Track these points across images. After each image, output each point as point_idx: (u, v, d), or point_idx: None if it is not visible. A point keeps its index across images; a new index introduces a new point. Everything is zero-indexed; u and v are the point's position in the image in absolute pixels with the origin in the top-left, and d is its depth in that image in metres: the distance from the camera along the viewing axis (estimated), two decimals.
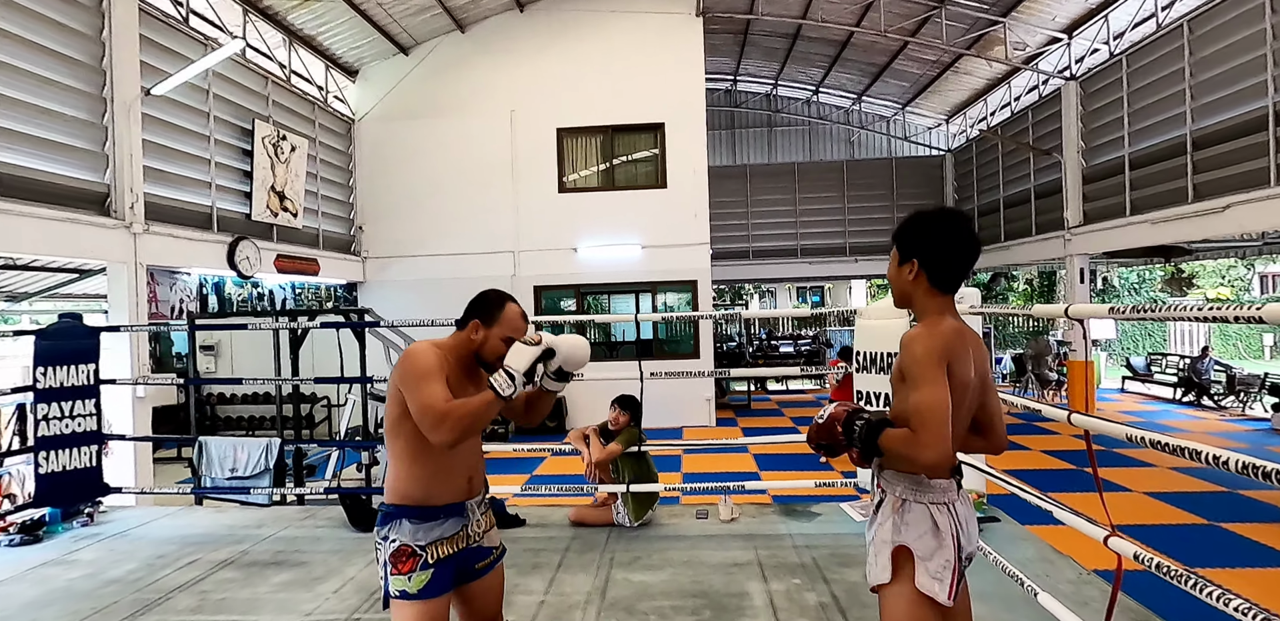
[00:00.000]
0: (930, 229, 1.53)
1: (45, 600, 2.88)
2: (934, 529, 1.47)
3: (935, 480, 1.50)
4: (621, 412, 3.75)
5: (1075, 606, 2.49)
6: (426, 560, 1.67)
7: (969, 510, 1.55)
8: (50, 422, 3.56)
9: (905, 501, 1.51)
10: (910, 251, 1.54)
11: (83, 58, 6.27)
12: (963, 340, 1.49)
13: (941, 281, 1.53)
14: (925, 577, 1.45)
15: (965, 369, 1.48)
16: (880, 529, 1.53)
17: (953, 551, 1.46)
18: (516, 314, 1.83)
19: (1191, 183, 8.29)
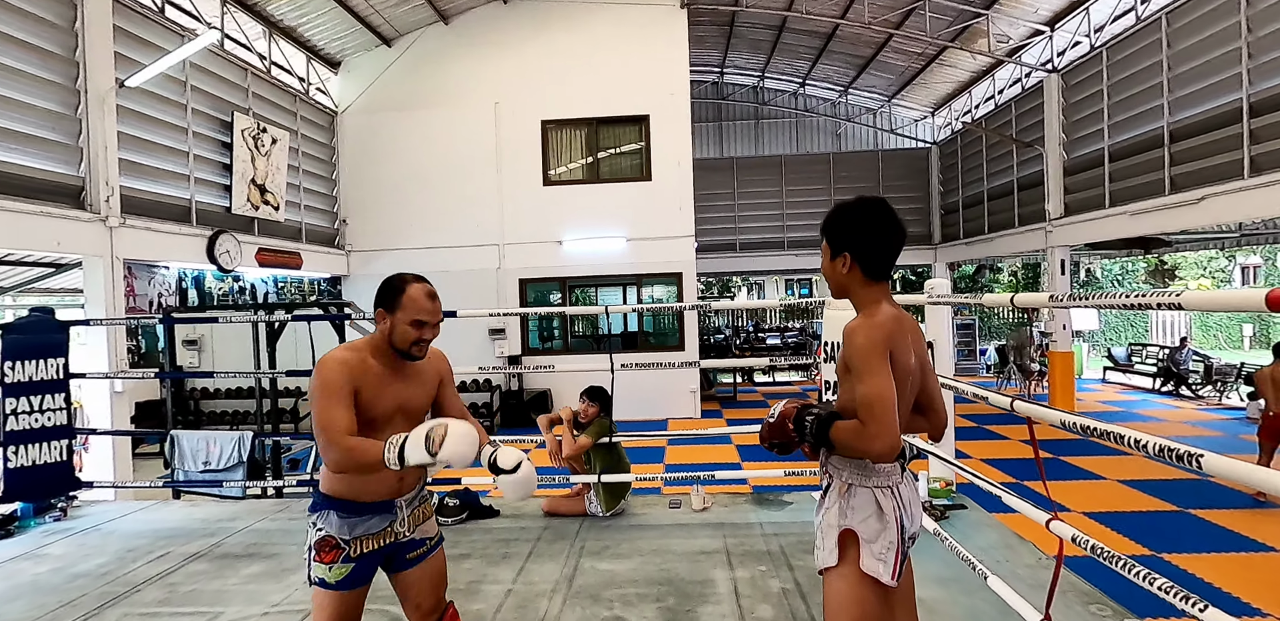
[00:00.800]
0: (857, 221, 1.56)
1: (12, 594, 2.89)
2: (878, 512, 1.52)
3: (880, 465, 1.54)
4: (590, 404, 3.78)
5: (1029, 589, 2.54)
6: (349, 554, 1.70)
7: (912, 492, 1.60)
8: (19, 417, 3.54)
9: (851, 486, 1.55)
10: (841, 245, 1.57)
11: (54, 48, 6.20)
12: (901, 327, 1.52)
13: (874, 271, 1.57)
14: (870, 559, 1.50)
15: (906, 356, 1.52)
16: (827, 513, 1.57)
17: (896, 533, 1.51)
18: (420, 294, 1.77)
19: (1169, 175, 8.36)
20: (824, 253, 1.63)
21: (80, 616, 2.65)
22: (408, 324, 1.74)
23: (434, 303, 1.80)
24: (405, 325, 1.74)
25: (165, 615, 2.65)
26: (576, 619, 2.55)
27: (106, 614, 2.67)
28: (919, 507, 1.62)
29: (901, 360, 1.49)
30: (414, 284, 1.78)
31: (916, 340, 1.59)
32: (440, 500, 3.74)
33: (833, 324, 3.51)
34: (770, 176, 16.84)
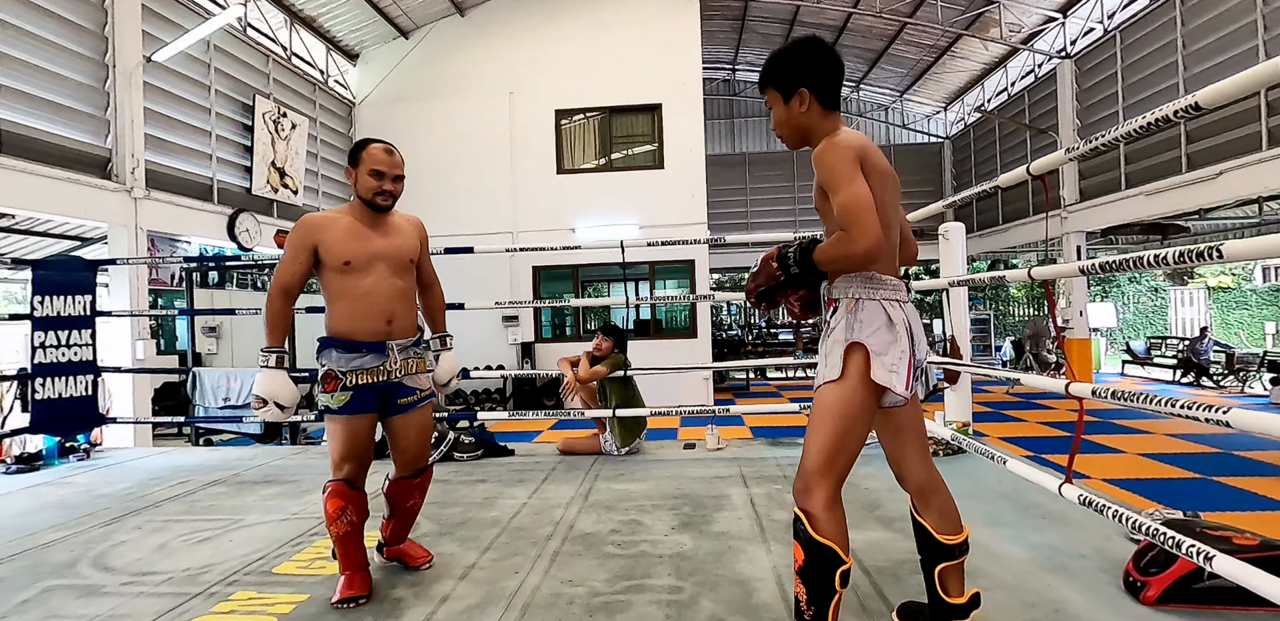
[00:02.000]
0: (805, 56, 1.55)
1: (38, 508, 2.94)
2: (888, 323, 1.48)
3: (887, 277, 1.52)
4: (604, 339, 3.81)
5: (1052, 499, 2.53)
6: (345, 384, 1.95)
7: (916, 316, 1.58)
8: (47, 350, 3.63)
9: (859, 300, 1.50)
10: (795, 83, 1.54)
11: (85, 23, 6.37)
12: (869, 144, 1.51)
13: (831, 100, 1.56)
14: (881, 370, 1.45)
15: (882, 162, 1.50)
16: (834, 331, 1.52)
17: (907, 343, 1.48)
18: (377, 150, 2.03)
19: (1185, 153, 8.32)
20: (775, 104, 1.60)
21: (101, 523, 2.69)
22: (367, 174, 2.00)
23: (391, 157, 2.04)
24: (366, 176, 2.00)
25: (186, 521, 2.69)
26: (593, 521, 2.56)
27: (128, 520, 2.71)
28: (923, 333, 1.59)
29: (879, 165, 1.48)
30: (373, 143, 2.05)
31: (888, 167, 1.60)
32: (456, 438, 3.77)
33: None
34: (783, 172, 16.89)
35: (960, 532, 1.60)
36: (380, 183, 2.01)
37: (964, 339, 3.92)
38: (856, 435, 1.46)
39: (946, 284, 3.02)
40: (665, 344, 11.14)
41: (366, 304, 1.98)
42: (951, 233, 3.76)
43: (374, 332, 1.98)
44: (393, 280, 2.03)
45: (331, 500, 1.93)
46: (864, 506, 2.66)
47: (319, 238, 1.96)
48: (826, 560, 1.41)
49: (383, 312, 1.99)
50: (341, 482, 1.95)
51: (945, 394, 3.86)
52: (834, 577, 1.40)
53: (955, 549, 1.58)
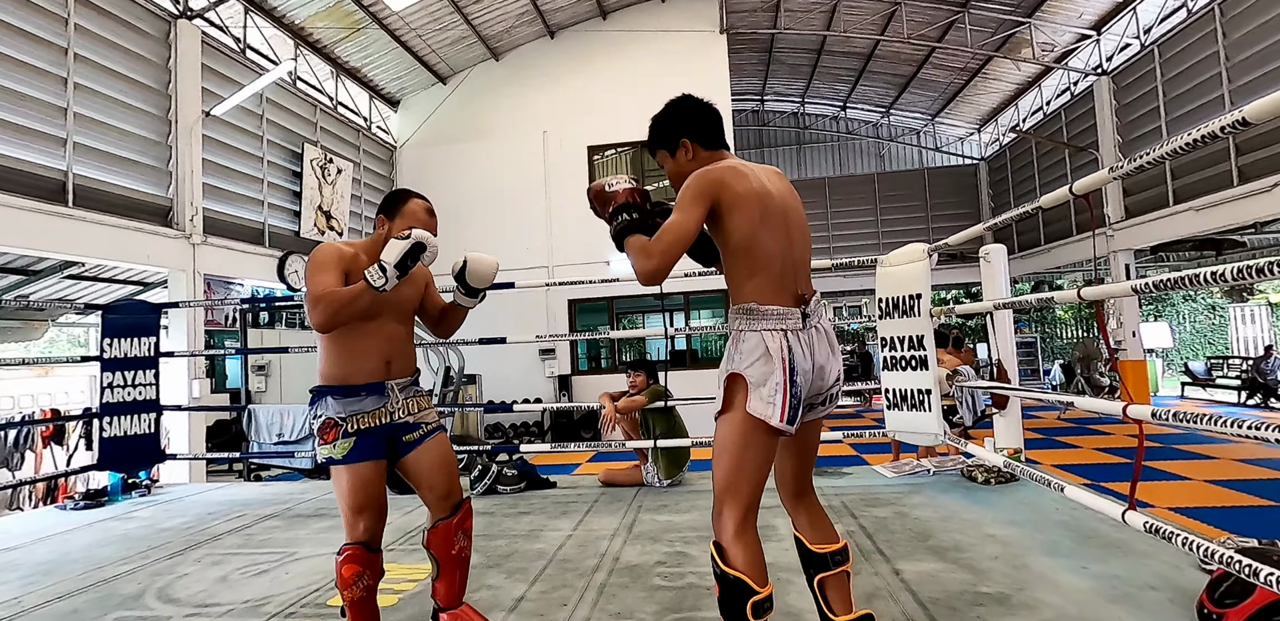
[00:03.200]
0: (675, 113, 1.65)
1: (104, 542, 3.06)
2: (765, 354, 1.46)
3: (769, 307, 1.50)
4: (635, 374, 3.84)
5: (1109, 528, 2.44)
6: (346, 429, 1.83)
7: (821, 346, 1.54)
8: (114, 390, 3.81)
9: (741, 332, 1.52)
10: (675, 136, 1.64)
11: (151, 82, 6.82)
12: (738, 171, 1.54)
13: (711, 141, 1.64)
14: (757, 402, 1.44)
15: (758, 189, 1.52)
16: (722, 363, 1.54)
17: (783, 375, 1.45)
18: (418, 208, 1.95)
19: (1235, 165, 8.10)
20: (665, 162, 1.69)
21: (165, 556, 2.78)
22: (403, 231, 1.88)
23: (430, 218, 1.97)
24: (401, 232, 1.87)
25: (244, 554, 2.76)
26: (638, 553, 2.55)
27: (189, 553, 2.80)
28: (830, 362, 1.56)
29: (751, 193, 1.50)
30: (415, 198, 1.97)
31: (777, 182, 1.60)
32: (499, 470, 3.81)
33: (887, 280, 3.51)
34: (815, 198, 16.89)
35: (834, 542, 1.61)
36: None
37: (1011, 362, 3.84)
38: (752, 463, 1.46)
39: (991, 306, 2.97)
40: (702, 374, 11.08)
41: (364, 345, 1.88)
42: (993, 254, 3.72)
43: (372, 373, 1.88)
44: (395, 326, 1.96)
45: (348, 566, 1.78)
46: (915, 536, 2.60)
47: (350, 268, 1.85)
48: (736, 591, 1.39)
49: (381, 354, 1.90)
50: (359, 546, 1.81)
51: (994, 419, 3.77)
52: (745, 608, 1.38)
53: (828, 558, 1.59)
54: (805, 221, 1.63)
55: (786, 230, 1.54)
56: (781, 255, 1.52)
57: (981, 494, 3.20)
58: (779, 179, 1.63)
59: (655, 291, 11.65)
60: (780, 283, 1.52)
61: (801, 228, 1.59)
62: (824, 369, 1.54)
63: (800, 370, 1.47)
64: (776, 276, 1.52)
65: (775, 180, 1.61)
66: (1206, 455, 7.49)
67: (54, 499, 5.22)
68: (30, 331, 9.09)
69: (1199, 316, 19.72)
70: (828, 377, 1.56)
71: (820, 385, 1.55)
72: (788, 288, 1.53)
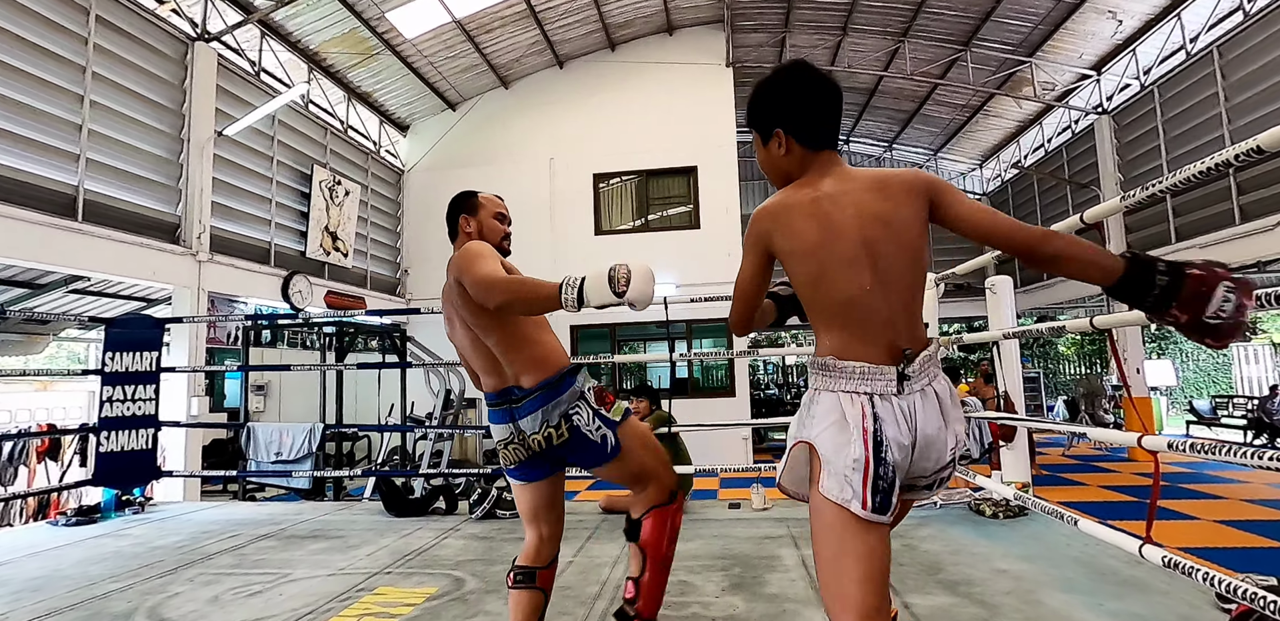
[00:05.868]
0: (776, 90, 1.32)
1: (96, 559, 2.99)
2: (840, 421, 1.19)
3: (849, 363, 1.21)
4: (638, 400, 3.81)
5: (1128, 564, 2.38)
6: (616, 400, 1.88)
7: (929, 415, 1.22)
8: (114, 404, 3.77)
9: (816, 391, 1.26)
10: (769, 123, 1.33)
11: (165, 102, 6.92)
12: (792, 205, 1.27)
13: (814, 139, 1.31)
14: (829, 480, 1.17)
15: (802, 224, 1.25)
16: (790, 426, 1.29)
17: (864, 449, 1.16)
18: (492, 197, 2.02)
19: (1237, 204, 8.17)
20: (756, 144, 1.40)
21: (157, 574, 2.72)
22: (492, 218, 1.96)
23: (500, 200, 2.04)
24: (491, 220, 1.96)
25: (237, 574, 2.70)
26: None
27: (182, 573, 2.73)
28: (944, 434, 1.24)
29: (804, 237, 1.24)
30: (481, 193, 2.02)
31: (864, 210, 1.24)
32: (498, 495, 3.75)
33: None
34: None
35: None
36: (504, 225, 2.00)
37: (1017, 394, 3.81)
38: (852, 557, 1.13)
39: (1000, 335, 2.96)
40: (703, 402, 11.02)
41: (554, 337, 1.88)
42: (999, 286, 3.72)
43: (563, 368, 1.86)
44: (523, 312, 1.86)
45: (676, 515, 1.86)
46: (925, 569, 2.54)
47: (508, 264, 1.80)
48: None
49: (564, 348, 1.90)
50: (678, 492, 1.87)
51: (1001, 453, 3.72)
52: None
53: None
54: (910, 254, 1.24)
55: (874, 270, 1.21)
56: (863, 301, 1.22)
57: (991, 527, 3.14)
58: (879, 199, 1.24)
59: (660, 318, 11.65)
60: (865, 333, 1.23)
61: (907, 264, 1.23)
62: (931, 445, 1.22)
63: (893, 444, 1.17)
64: (861, 326, 1.23)
65: (871, 199, 1.24)
66: (1215, 495, 7.39)
67: (45, 515, 5.13)
68: (31, 345, 9.07)
69: (1202, 355, 19.66)
70: (934, 457, 1.24)
71: (925, 467, 1.24)
72: (878, 339, 1.22)
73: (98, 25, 6.12)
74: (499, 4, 9.91)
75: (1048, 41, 10.87)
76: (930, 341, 1.27)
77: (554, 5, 10.50)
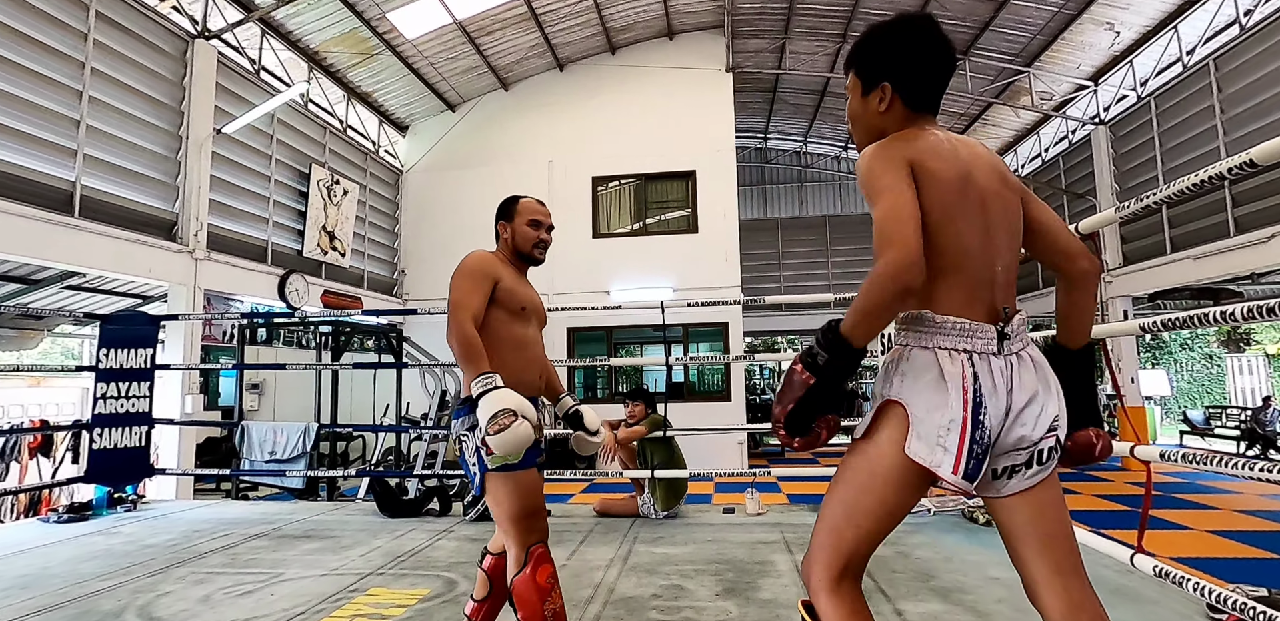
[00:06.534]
0: (898, 40, 1.24)
1: (86, 557, 2.97)
2: (938, 380, 1.11)
3: (950, 319, 1.14)
4: (634, 404, 3.81)
5: (1120, 573, 2.39)
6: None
7: (1027, 379, 1.15)
8: (108, 401, 3.75)
9: (906, 348, 1.18)
10: (877, 73, 1.25)
11: (165, 99, 6.91)
12: (936, 147, 1.19)
13: (920, 101, 1.25)
14: (919, 443, 1.10)
15: (938, 160, 1.17)
16: (874, 384, 1.22)
17: (963, 410, 1.08)
18: (531, 202, 2.02)
19: (1232, 215, 8.22)
20: (853, 90, 1.30)
21: (148, 573, 2.70)
22: (526, 225, 1.97)
23: (544, 207, 2.03)
24: (525, 226, 1.97)
25: (229, 574, 2.68)
26: (634, 585, 2.48)
27: (173, 571, 2.72)
28: (1046, 399, 1.15)
29: (950, 173, 1.16)
30: (523, 198, 2.03)
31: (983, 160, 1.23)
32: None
33: None
34: (815, 236, 17.05)
35: None
36: (539, 232, 1.96)
37: None
38: (877, 511, 1.14)
39: None
40: (698, 406, 11.01)
41: (529, 355, 1.87)
42: None
43: (531, 387, 1.86)
44: (539, 334, 1.96)
45: (542, 568, 1.63)
46: (917, 576, 2.54)
47: (499, 274, 1.84)
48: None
49: (539, 367, 1.91)
50: (544, 545, 1.68)
51: None
52: None
53: None
54: (1017, 220, 1.23)
55: (986, 224, 1.18)
56: (976, 255, 1.16)
57: (984, 535, 3.14)
58: (988, 160, 1.24)
59: (657, 322, 11.65)
60: (972, 289, 1.16)
61: (1010, 226, 1.22)
62: (1025, 411, 1.13)
63: (991, 408, 1.10)
64: (968, 281, 1.16)
65: (983, 161, 1.23)
66: (1207, 505, 7.42)
67: (37, 512, 5.10)
68: (25, 340, 9.02)
69: (1196, 365, 19.76)
70: (1033, 424, 1.14)
71: (1022, 435, 1.13)
72: (981, 297, 1.16)
73: (98, 21, 6.11)
74: (500, 6, 9.93)
75: (1046, 51, 10.94)
76: (1021, 309, 1.22)
77: (555, 8, 10.53)
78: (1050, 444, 1.16)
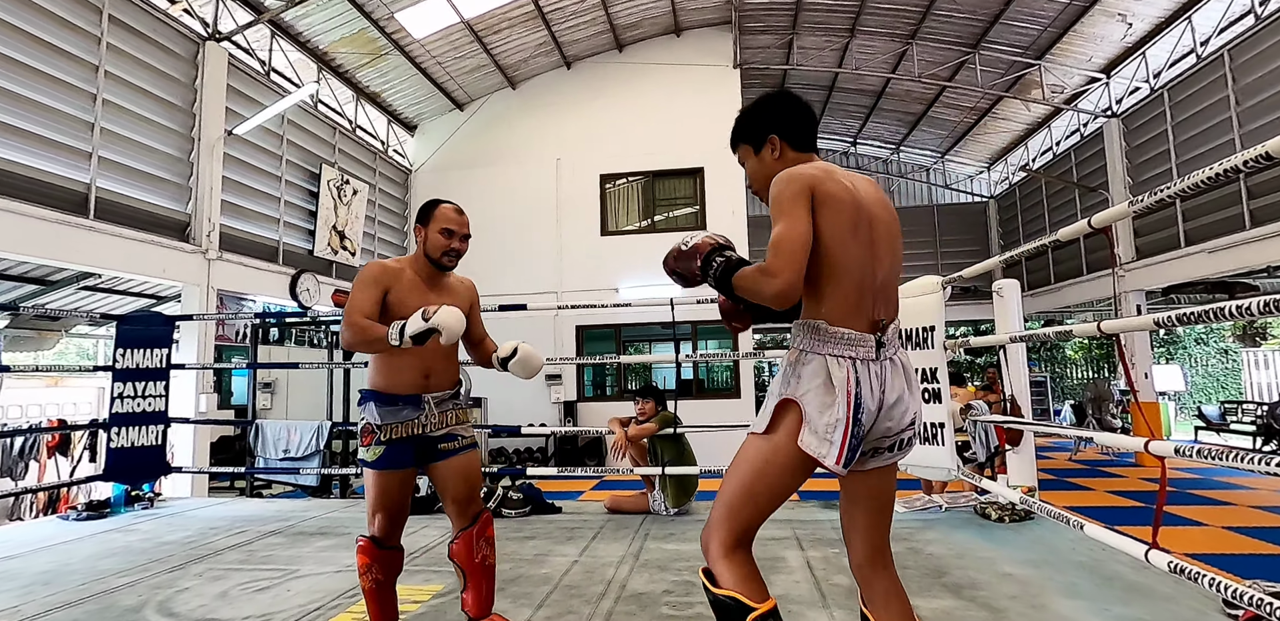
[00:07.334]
0: (768, 106, 1.52)
1: (105, 553, 3.02)
2: (827, 383, 1.31)
3: (841, 329, 1.33)
4: (644, 401, 3.81)
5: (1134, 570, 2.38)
6: (380, 438, 1.94)
7: (895, 381, 1.36)
8: (124, 400, 3.80)
9: (803, 353, 1.37)
10: (764, 132, 1.50)
11: (176, 101, 6.97)
12: (831, 173, 1.39)
13: (803, 141, 1.50)
14: (811, 436, 1.30)
15: (847, 195, 1.36)
16: (772, 383, 1.41)
17: (846, 410, 1.29)
18: (449, 210, 2.09)
19: (1247, 208, 8.12)
20: (747, 156, 1.55)
21: (166, 569, 2.74)
22: (438, 232, 2.04)
23: (460, 216, 2.11)
24: (436, 234, 2.04)
25: (245, 570, 2.72)
26: (645, 581, 2.50)
27: (190, 568, 2.76)
28: (904, 399, 1.37)
29: (842, 199, 1.35)
30: (444, 203, 2.11)
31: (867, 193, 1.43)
32: (504, 494, 3.76)
33: (906, 311, 3.50)
34: None
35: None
36: (449, 241, 2.04)
37: (1024, 398, 3.80)
38: (769, 492, 1.33)
39: (1007, 338, 2.96)
40: (708, 403, 11.01)
41: (406, 358, 1.96)
42: (1006, 289, 3.71)
43: (410, 386, 1.97)
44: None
45: (359, 555, 1.96)
46: (929, 573, 2.54)
47: (391, 284, 1.98)
48: (732, 613, 1.29)
49: (421, 368, 1.98)
50: (369, 541, 1.96)
51: (1007, 457, 3.72)
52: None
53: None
54: (898, 241, 1.45)
55: (873, 245, 1.37)
56: (863, 270, 1.35)
57: (996, 531, 3.13)
58: (874, 189, 1.46)
59: (665, 318, 11.65)
60: (858, 302, 1.35)
61: (891, 246, 1.42)
62: (894, 407, 1.36)
63: (866, 407, 1.31)
64: (854, 295, 1.35)
65: (870, 189, 1.45)
66: (1222, 501, 7.35)
67: (56, 509, 5.18)
68: (42, 341, 9.13)
69: (1211, 360, 19.55)
70: (899, 418, 1.37)
71: (889, 427, 1.37)
72: (865, 310, 1.35)
73: (110, 24, 6.17)
74: (507, 4, 9.94)
75: (1057, 44, 10.84)
76: (896, 318, 1.44)
77: (562, 6, 10.53)
78: (909, 434, 1.42)
